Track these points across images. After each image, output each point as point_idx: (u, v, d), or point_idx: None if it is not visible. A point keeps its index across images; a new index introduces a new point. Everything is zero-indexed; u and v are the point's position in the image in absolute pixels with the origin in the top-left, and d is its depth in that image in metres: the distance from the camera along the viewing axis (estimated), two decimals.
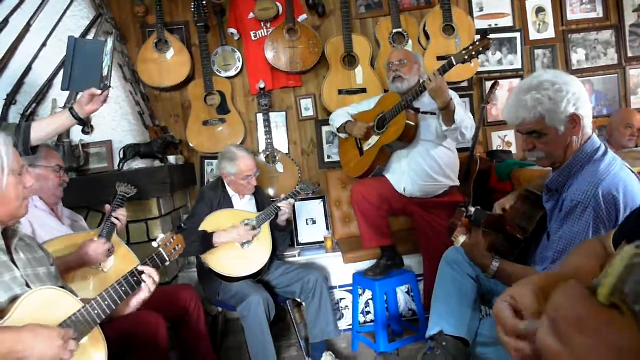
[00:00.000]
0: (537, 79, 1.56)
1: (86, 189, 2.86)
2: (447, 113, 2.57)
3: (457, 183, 2.97)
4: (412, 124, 2.73)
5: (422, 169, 2.82)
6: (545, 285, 0.82)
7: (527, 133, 1.60)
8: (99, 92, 1.94)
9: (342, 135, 3.21)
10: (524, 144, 1.64)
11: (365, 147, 3.01)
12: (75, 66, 2.04)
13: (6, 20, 3.04)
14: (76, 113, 1.94)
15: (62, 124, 1.99)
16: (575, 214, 1.50)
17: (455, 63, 2.54)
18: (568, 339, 0.42)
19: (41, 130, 1.96)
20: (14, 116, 3.04)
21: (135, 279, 1.62)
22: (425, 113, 2.74)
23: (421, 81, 2.70)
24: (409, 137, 2.77)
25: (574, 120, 1.53)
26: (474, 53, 2.49)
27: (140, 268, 1.64)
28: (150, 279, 1.64)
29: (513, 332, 0.80)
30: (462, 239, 1.72)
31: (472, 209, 1.78)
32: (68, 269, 1.95)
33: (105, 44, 2.02)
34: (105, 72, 1.98)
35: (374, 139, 2.93)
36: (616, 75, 3.94)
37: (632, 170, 1.54)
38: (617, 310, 0.40)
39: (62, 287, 1.58)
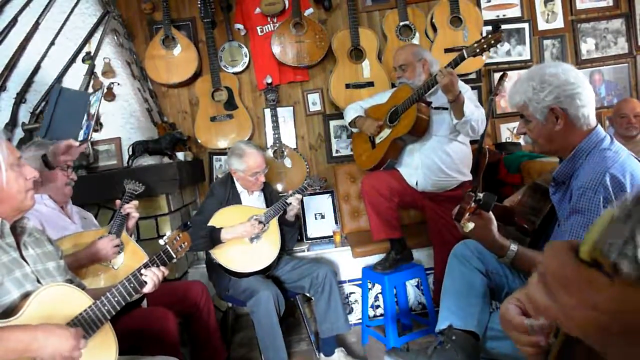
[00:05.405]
0: (539, 68, 1.60)
1: (96, 186, 2.88)
2: (456, 106, 2.57)
3: (470, 177, 2.96)
4: (424, 117, 2.72)
5: (435, 163, 2.82)
6: None
7: (520, 116, 1.68)
8: (77, 143, 1.91)
9: (354, 130, 3.21)
10: (519, 126, 1.71)
11: (377, 140, 3.00)
12: (56, 114, 2.01)
13: (15, 19, 3.06)
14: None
15: None
16: (583, 201, 1.49)
17: (466, 56, 2.53)
18: (555, 295, 0.45)
19: None
20: (23, 114, 3.06)
21: (143, 276, 1.63)
22: (437, 108, 2.73)
23: (433, 74, 2.68)
24: (420, 130, 2.76)
25: (555, 113, 1.55)
26: (485, 46, 2.48)
27: (143, 271, 1.64)
28: (153, 280, 1.64)
29: (523, 328, 0.80)
30: (471, 225, 1.68)
31: (481, 194, 1.74)
32: (79, 266, 1.97)
33: (91, 95, 2.01)
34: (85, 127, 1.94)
35: (385, 132, 2.93)
36: (627, 64, 3.89)
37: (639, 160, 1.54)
38: (597, 268, 0.42)
39: (70, 280, 1.61)
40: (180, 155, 3.38)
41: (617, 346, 0.42)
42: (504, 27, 3.73)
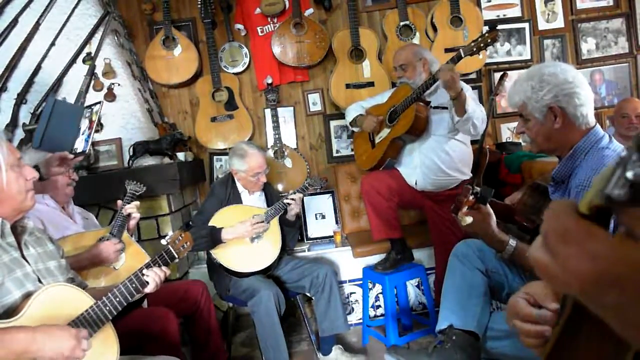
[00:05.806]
0: (538, 68, 1.61)
1: (97, 186, 2.88)
2: (458, 103, 2.57)
3: (470, 176, 2.96)
4: (422, 115, 2.73)
5: (434, 162, 2.82)
6: None
7: (519, 115, 1.69)
8: (71, 156, 1.90)
9: (355, 129, 3.22)
10: (518, 125, 1.72)
11: (377, 140, 3.01)
12: (50, 126, 2.01)
13: (15, 20, 3.06)
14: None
15: None
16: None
17: (463, 55, 2.53)
18: (555, 250, 0.47)
19: None
20: (24, 115, 3.07)
21: (144, 276, 1.63)
22: (437, 108, 2.74)
23: (433, 73, 2.68)
24: (418, 129, 2.77)
25: (553, 112, 1.56)
26: (482, 45, 2.48)
27: (145, 271, 1.64)
28: (155, 280, 1.64)
29: (530, 318, 0.83)
30: (468, 219, 1.69)
31: (478, 188, 1.75)
32: (81, 267, 1.97)
33: (92, 105, 2.01)
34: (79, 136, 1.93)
35: (385, 132, 2.93)
36: (627, 64, 3.89)
37: None
38: (596, 222, 0.45)
39: (72, 279, 1.61)
40: (180, 156, 3.38)
41: (612, 299, 0.43)
42: (504, 27, 3.76)
